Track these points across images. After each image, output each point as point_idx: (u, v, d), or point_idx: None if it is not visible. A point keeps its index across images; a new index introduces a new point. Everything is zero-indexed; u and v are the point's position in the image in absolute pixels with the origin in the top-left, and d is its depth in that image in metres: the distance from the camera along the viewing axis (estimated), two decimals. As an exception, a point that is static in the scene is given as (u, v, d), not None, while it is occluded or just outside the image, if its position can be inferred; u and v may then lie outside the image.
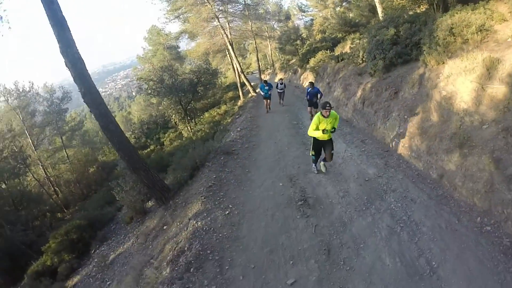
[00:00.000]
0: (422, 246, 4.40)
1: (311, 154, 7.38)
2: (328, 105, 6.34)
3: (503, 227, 4.37)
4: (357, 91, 11.99)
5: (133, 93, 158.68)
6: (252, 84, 27.88)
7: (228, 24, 24.77)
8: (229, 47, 24.84)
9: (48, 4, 6.40)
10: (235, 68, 27.69)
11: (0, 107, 26.95)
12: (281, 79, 17.42)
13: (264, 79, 24.34)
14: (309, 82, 12.76)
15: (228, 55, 29.91)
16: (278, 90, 16.65)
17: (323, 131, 6.71)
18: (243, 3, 26.78)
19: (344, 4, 30.38)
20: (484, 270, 3.84)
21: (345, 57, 15.99)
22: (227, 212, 6.30)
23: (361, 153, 8.27)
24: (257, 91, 24.91)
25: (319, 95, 12.23)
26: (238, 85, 28.36)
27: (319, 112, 6.64)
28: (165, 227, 7.09)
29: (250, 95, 26.62)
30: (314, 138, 6.99)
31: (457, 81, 6.65)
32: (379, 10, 14.73)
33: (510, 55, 5.66)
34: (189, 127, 22.48)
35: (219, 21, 23.31)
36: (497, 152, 4.94)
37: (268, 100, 16.07)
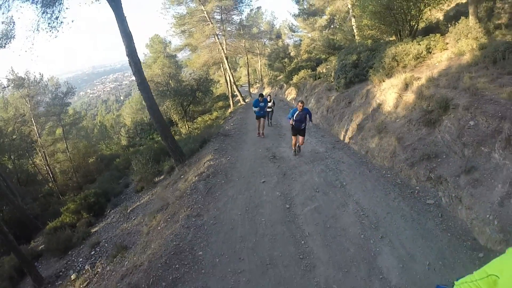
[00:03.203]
0: (339, 177, 8.01)
1: None
2: None
3: (398, 175, 7.50)
4: (325, 103, 15.64)
5: (121, 97, 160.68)
6: (242, 95, 31.32)
7: (225, 40, 28.51)
8: (225, 61, 28.43)
9: (121, 21, 10.00)
10: (228, 80, 31.26)
11: (12, 94, 28.97)
12: (269, 95, 15.32)
13: (261, 92, 20.44)
14: (299, 101, 9.53)
15: (222, 67, 33.49)
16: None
17: None
18: (239, 23, 30.60)
19: (331, 26, 32.70)
20: (376, 189, 7.03)
21: (321, 76, 19.59)
22: (228, 158, 10.20)
23: (318, 141, 11.78)
24: (247, 100, 28.39)
25: (308, 118, 9.60)
26: (230, 95, 31.68)
27: None
28: (182, 176, 10.54)
29: (239, 104, 29.97)
30: None
31: (388, 93, 9.96)
32: (356, 36, 18.02)
33: (427, 74, 8.80)
34: (187, 126, 25.98)
35: (218, 38, 27.03)
36: (400, 134, 8.22)
37: (262, 120, 13.15)
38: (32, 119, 28.64)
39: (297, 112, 9.32)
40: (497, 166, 5.37)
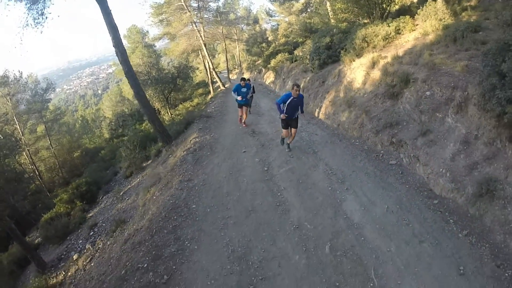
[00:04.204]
0: (312, 146, 8.97)
1: None
2: None
3: (366, 142, 8.48)
4: (301, 83, 16.48)
5: (99, 91, 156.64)
6: (222, 81, 31.74)
7: (203, 28, 28.75)
8: (203, 48, 28.66)
9: (107, 14, 10.56)
10: (207, 66, 31.57)
11: None
12: (248, 79, 12.58)
13: (243, 77, 15.52)
14: (295, 85, 7.71)
15: (200, 54, 33.71)
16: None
17: None
18: (217, 10, 30.83)
19: (308, 10, 33.86)
20: (344, 154, 8.04)
21: (298, 59, 20.20)
22: (212, 135, 11.17)
23: (295, 119, 12.70)
24: (226, 86, 28.89)
25: (300, 108, 8.19)
26: (209, 81, 32.10)
27: None
28: (170, 156, 11.29)
29: (219, 89, 30.34)
30: None
31: (357, 71, 10.77)
32: (331, 19, 18.56)
33: (393, 53, 9.61)
34: (169, 113, 26.52)
35: (195, 26, 27.32)
36: (368, 107, 9.11)
37: (245, 108, 11.87)
38: (15, 118, 28.28)
39: (291, 98, 7.65)
40: (449, 128, 6.28)
